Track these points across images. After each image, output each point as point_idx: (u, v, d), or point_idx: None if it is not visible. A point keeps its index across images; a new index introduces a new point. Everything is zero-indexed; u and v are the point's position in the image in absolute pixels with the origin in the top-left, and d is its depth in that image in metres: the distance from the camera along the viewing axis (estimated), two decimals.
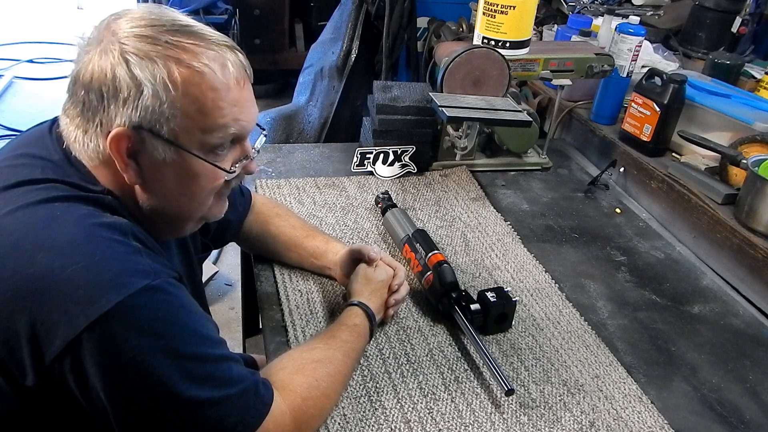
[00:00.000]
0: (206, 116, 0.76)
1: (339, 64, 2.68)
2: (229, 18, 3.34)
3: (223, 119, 0.77)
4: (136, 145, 0.75)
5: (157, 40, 0.73)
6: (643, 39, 1.71)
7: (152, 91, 0.72)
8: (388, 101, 1.49)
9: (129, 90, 0.72)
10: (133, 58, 0.72)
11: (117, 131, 0.73)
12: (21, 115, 3.60)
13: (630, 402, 0.98)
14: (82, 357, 0.66)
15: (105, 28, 0.76)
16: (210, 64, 0.74)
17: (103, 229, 0.72)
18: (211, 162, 0.79)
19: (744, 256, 1.29)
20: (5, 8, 5.32)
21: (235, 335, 2.04)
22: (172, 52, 0.73)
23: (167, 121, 0.74)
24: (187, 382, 0.70)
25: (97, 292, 0.67)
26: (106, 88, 0.73)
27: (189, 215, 0.85)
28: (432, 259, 1.11)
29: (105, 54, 0.73)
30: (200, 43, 0.75)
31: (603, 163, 1.69)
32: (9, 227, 0.71)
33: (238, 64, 0.78)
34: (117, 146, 0.74)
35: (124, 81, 0.72)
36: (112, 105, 0.73)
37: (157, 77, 0.72)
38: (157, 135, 0.75)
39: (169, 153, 0.76)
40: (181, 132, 0.75)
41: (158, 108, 0.73)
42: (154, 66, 0.72)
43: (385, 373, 0.98)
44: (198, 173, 0.79)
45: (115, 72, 0.72)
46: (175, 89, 0.73)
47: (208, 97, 0.75)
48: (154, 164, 0.77)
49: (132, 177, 0.77)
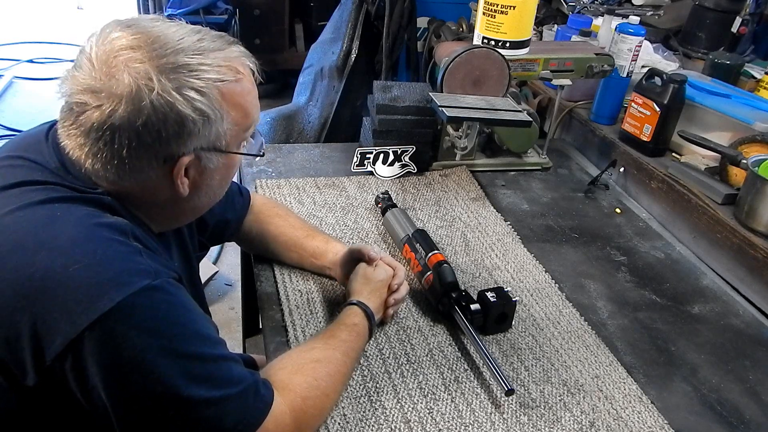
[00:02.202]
0: (247, 117, 0.82)
1: (339, 64, 2.68)
2: (229, 18, 3.34)
3: (256, 114, 0.84)
4: (193, 162, 0.78)
5: (190, 67, 0.73)
6: (643, 39, 1.71)
7: (213, 115, 0.75)
8: (388, 101, 1.49)
9: (194, 123, 0.74)
10: (189, 92, 0.73)
11: (184, 161, 0.76)
12: (21, 115, 3.60)
13: (630, 402, 0.98)
14: (83, 356, 0.66)
15: (111, 64, 0.72)
16: (239, 69, 0.79)
17: (103, 229, 0.73)
18: (247, 153, 0.85)
19: (744, 256, 1.29)
20: (5, 8, 5.32)
21: (235, 335, 2.04)
22: (208, 72, 0.75)
23: (225, 135, 0.79)
24: (187, 382, 0.70)
25: (98, 291, 0.67)
26: (165, 127, 0.72)
27: (210, 205, 0.90)
28: (432, 259, 1.11)
29: (143, 92, 0.70)
30: (221, 52, 0.77)
31: (603, 163, 1.69)
32: (10, 227, 0.71)
33: (250, 59, 0.83)
34: (179, 172, 0.77)
35: (187, 116, 0.73)
36: (172, 141, 0.74)
37: (213, 100, 0.75)
38: (217, 150, 0.79)
39: (221, 159, 0.81)
40: (232, 139, 0.81)
41: (219, 128, 0.77)
42: (204, 91, 0.74)
43: (385, 373, 0.98)
44: (236, 165, 0.86)
45: (177, 109, 0.72)
46: (228, 105, 0.77)
47: (247, 101, 0.81)
48: (206, 172, 0.81)
49: (185, 190, 0.80)
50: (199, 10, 3.24)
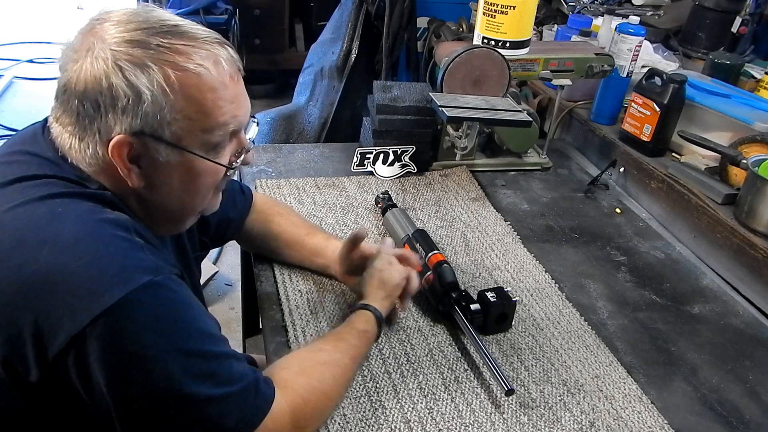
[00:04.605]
0: (207, 116, 0.76)
1: (339, 64, 2.68)
2: (229, 18, 3.34)
3: (223, 117, 0.77)
4: (138, 150, 0.75)
5: (148, 44, 0.73)
6: (643, 39, 1.71)
7: (151, 98, 0.72)
8: (388, 101, 1.49)
9: (127, 98, 0.72)
10: (127, 65, 0.71)
11: (118, 139, 0.73)
12: (21, 115, 3.60)
13: (630, 402, 0.98)
14: (85, 352, 0.66)
15: (90, 33, 0.75)
16: (204, 64, 0.75)
17: (106, 225, 0.73)
18: (213, 160, 0.80)
19: (744, 256, 1.29)
20: (5, 8, 5.32)
21: (235, 335, 2.04)
22: (166, 56, 0.73)
23: (168, 125, 0.74)
24: (189, 379, 0.70)
25: (100, 287, 0.67)
26: (102, 98, 0.72)
27: (191, 210, 0.87)
28: (432, 259, 1.11)
29: (96, 62, 0.72)
30: (191, 43, 0.75)
31: (603, 163, 1.69)
32: (11, 223, 0.72)
33: (229, 60, 0.78)
34: (119, 153, 0.74)
35: (121, 89, 0.72)
36: (110, 113, 0.73)
37: (155, 83, 0.72)
38: (159, 139, 0.75)
39: (173, 155, 0.77)
40: (183, 134, 0.76)
41: (159, 113, 0.73)
42: (149, 71, 0.72)
43: (385, 373, 0.98)
44: (201, 172, 0.80)
45: (110, 80, 0.72)
46: (173, 93, 0.73)
47: (207, 98, 0.75)
48: (158, 167, 0.77)
49: (135, 181, 0.77)
50: (199, 10, 3.24)
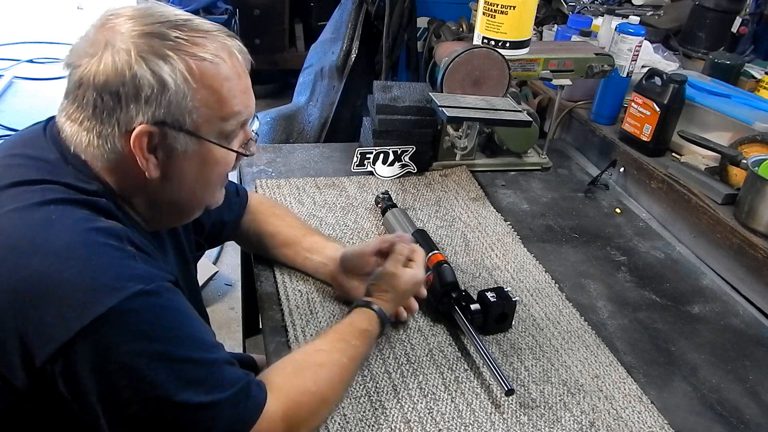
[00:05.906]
0: (224, 105, 0.79)
1: (339, 64, 2.68)
2: (229, 18, 3.35)
3: (237, 107, 0.80)
4: (158, 140, 0.77)
5: (167, 36, 0.75)
6: (643, 39, 1.71)
7: (175, 87, 0.74)
8: (388, 101, 1.49)
9: (151, 88, 0.73)
10: (150, 56, 0.73)
11: (141, 129, 0.74)
12: (21, 115, 3.60)
13: (630, 402, 0.98)
14: (74, 360, 0.66)
15: (104, 28, 0.76)
16: (220, 54, 0.78)
17: (98, 233, 0.72)
18: (229, 147, 0.82)
19: (744, 256, 1.29)
20: (5, 8, 5.32)
21: (235, 335, 2.04)
22: (185, 47, 0.75)
23: (189, 113, 0.76)
24: (180, 387, 0.70)
25: (91, 296, 0.67)
26: (124, 89, 0.73)
27: (200, 202, 0.88)
28: (432, 259, 1.11)
29: (118, 54, 0.73)
30: (205, 35, 0.77)
31: (603, 163, 1.69)
32: (6, 229, 0.71)
33: (242, 51, 0.82)
34: (139, 143, 0.75)
35: (146, 79, 0.73)
36: (131, 104, 0.74)
37: (177, 72, 0.74)
38: (179, 128, 0.77)
39: (191, 144, 0.79)
40: (202, 122, 0.78)
41: (181, 102, 0.75)
42: (171, 62, 0.74)
43: (385, 373, 0.98)
44: (217, 160, 0.82)
45: (134, 71, 0.73)
46: (195, 82, 0.75)
47: (224, 87, 0.78)
48: (175, 156, 0.79)
49: (152, 171, 0.78)
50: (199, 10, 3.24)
